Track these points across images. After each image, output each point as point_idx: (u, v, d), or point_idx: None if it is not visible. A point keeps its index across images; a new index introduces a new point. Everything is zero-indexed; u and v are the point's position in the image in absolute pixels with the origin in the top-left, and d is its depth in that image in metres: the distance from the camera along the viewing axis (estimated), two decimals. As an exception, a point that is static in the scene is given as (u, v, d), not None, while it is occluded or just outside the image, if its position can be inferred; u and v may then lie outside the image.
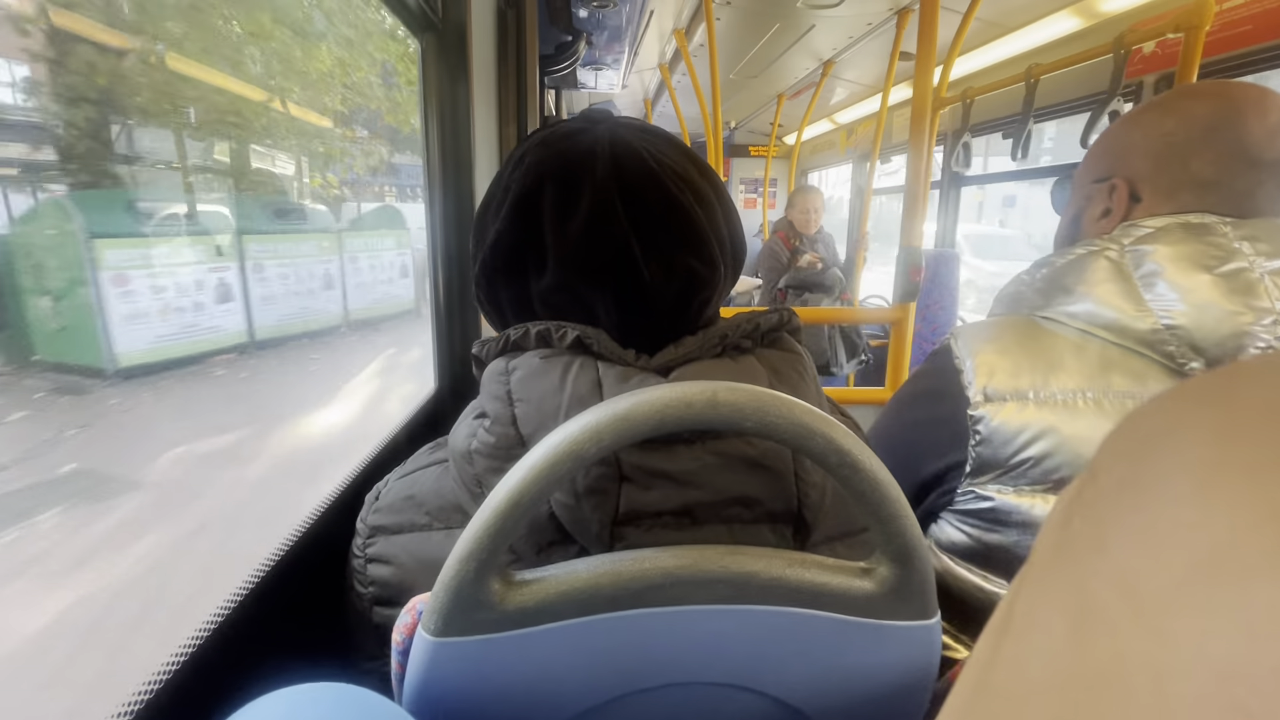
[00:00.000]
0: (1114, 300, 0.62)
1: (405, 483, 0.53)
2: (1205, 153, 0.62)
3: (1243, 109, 0.61)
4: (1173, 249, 0.60)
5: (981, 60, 2.37)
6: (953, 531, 0.68)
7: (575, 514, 0.43)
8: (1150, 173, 0.65)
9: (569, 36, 1.89)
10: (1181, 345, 0.58)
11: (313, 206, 5.68)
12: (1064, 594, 0.13)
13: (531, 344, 0.47)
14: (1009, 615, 0.15)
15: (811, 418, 0.37)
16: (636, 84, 3.59)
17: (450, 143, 1.14)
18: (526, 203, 0.48)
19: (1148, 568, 0.11)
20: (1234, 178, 0.61)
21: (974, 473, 0.65)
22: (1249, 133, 0.60)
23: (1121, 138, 0.69)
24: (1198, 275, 0.58)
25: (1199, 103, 0.63)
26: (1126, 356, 0.61)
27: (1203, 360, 0.58)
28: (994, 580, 0.66)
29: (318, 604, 0.62)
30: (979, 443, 0.64)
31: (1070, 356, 0.63)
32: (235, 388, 4.02)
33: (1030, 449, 0.61)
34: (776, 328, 0.51)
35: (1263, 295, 0.56)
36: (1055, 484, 0.61)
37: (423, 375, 3.64)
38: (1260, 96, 0.61)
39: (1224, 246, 0.58)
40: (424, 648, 0.39)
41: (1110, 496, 0.13)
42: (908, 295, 1.59)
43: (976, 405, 0.64)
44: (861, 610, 0.41)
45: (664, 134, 0.53)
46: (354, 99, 7.24)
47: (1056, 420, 0.61)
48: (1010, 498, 0.63)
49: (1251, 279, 0.56)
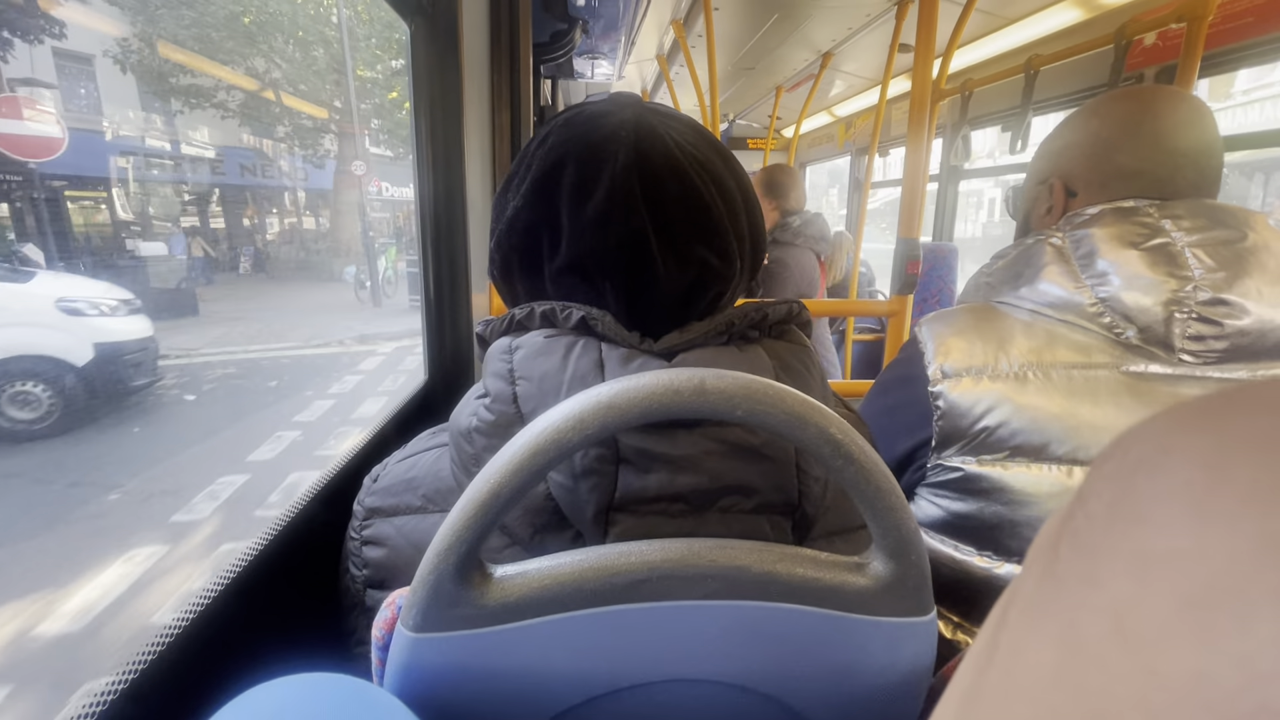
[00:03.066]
0: (1057, 279, 0.68)
1: (404, 465, 0.53)
2: (1128, 146, 0.70)
3: (1157, 107, 0.69)
4: (1105, 230, 0.67)
5: (981, 52, 2.35)
6: (928, 506, 0.73)
7: (572, 496, 0.42)
8: (1083, 170, 0.73)
9: (564, 24, 1.87)
10: (1116, 315, 0.65)
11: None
12: (1052, 625, 0.12)
13: (536, 323, 0.47)
14: (994, 644, 0.14)
15: (804, 407, 0.36)
16: (634, 75, 3.56)
17: (440, 129, 1.12)
18: (546, 182, 0.48)
19: (1139, 599, 0.10)
20: (1155, 166, 0.68)
21: (939, 446, 0.70)
22: (1166, 126, 0.68)
23: (1056, 142, 0.77)
24: (1127, 251, 0.64)
25: (1121, 105, 0.72)
26: (1071, 331, 0.67)
27: (1135, 328, 0.64)
28: (964, 549, 0.71)
29: (308, 591, 0.62)
30: (940, 417, 0.70)
31: (1020, 334, 0.69)
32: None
33: (986, 419, 0.67)
34: (785, 320, 0.51)
35: (1184, 265, 0.62)
36: (1012, 451, 0.66)
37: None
38: (1174, 96, 0.70)
39: (1150, 225, 0.65)
40: (403, 644, 0.38)
41: (1100, 522, 0.12)
42: (905, 288, 1.58)
43: (935, 382, 0.70)
44: (856, 606, 0.40)
45: (691, 122, 0.52)
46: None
47: (1009, 391, 0.66)
48: (974, 467, 0.68)
49: (1174, 251, 0.63)
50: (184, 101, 12.36)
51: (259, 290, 12.38)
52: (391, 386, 6.38)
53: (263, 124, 14.53)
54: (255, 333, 8.39)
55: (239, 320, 9.08)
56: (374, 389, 6.24)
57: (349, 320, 9.40)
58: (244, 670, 0.35)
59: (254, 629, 0.57)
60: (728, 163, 0.50)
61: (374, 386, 6.34)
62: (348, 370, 6.84)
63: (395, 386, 6.38)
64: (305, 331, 8.75)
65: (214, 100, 12.77)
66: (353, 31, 13.17)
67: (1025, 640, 0.13)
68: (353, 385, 6.32)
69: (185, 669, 0.49)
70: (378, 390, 6.21)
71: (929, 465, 0.72)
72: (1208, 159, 0.68)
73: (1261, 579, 0.09)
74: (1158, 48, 1.72)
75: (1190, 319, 0.61)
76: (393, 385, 6.42)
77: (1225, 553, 0.10)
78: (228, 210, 15.35)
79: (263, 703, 0.32)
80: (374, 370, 6.97)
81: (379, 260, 11.25)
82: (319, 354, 7.59)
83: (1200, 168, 0.68)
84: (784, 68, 3.08)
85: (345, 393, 5.99)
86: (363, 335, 8.44)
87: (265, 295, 11.90)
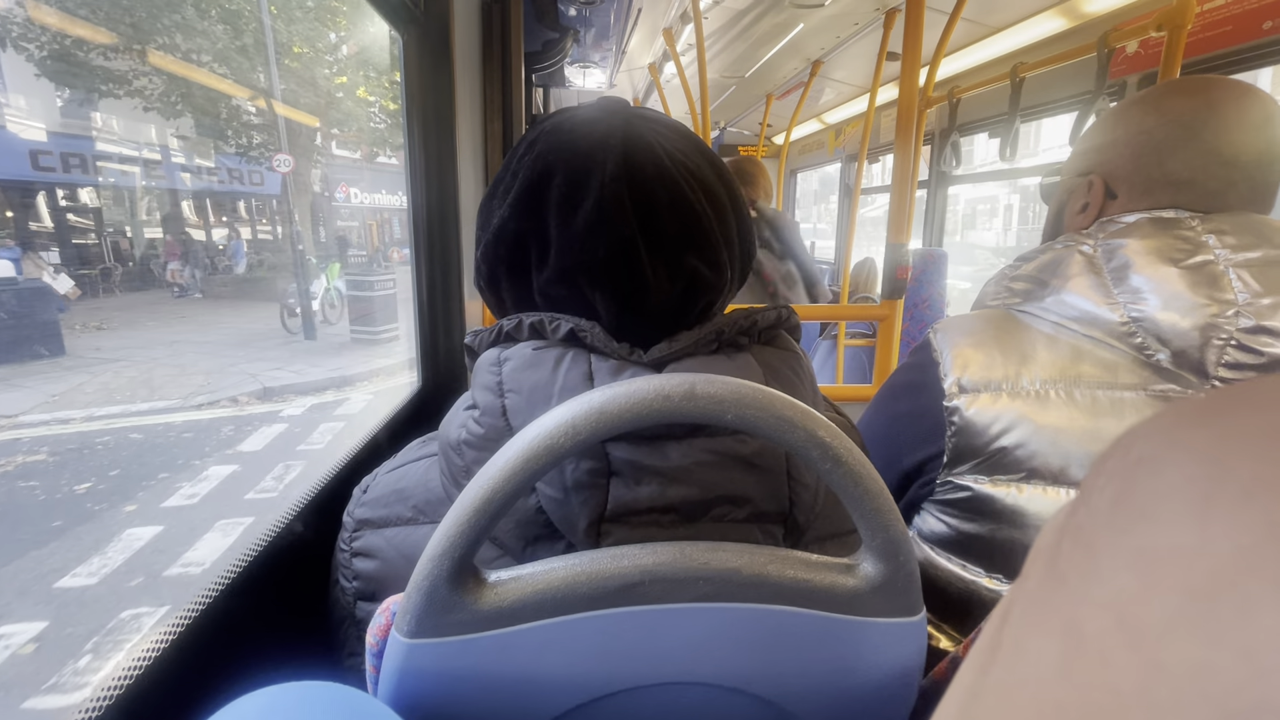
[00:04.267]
0: (1086, 293, 0.63)
1: (394, 476, 0.52)
2: (1181, 152, 0.63)
3: (1221, 109, 0.62)
4: (1143, 243, 0.61)
5: (968, 60, 2.38)
6: (934, 522, 0.70)
7: (563, 509, 0.42)
8: (1127, 171, 0.67)
9: (556, 34, 1.88)
10: (1148, 336, 0.59)
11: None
12: (1054, 621, 0.12)
13: (524, 335, 0.47)
14: (996, 641, 0.14)
15: (792, 411, 0.36)
16: (625, 83, 3.58)
17: (433, 137, 1.13)
18: (533, 191, 0.47)
19: (1143, 594, 0.10)
20: (1208, 178, 0.62)
21: (951, 463, 0.66)
22: (1226, 133, 0.61)
23: (1105, 133, 0.70)
24: (1165, 268, 0.59)
25: (1180, 100, 0.64)
26: (1097, 348, 0.62)
27: (1168, 351, 0.59)
28: (972, 569, 0.67)
29: (298, 601, 0.62)
30: (954, 433, 0.65)
31: (1043, 349, 0.64)
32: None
33: (1004, 439, 0.63)
34: (774, 325, 0.50)
35: (1227, 288, 0.57)
36: (1029, 473, 0.62)
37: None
38: (1241, 94, 0.62)
39: (1192, 240, 0.59)
40: (397, 650, 0.38)
41: (1102, 518, 0.12)
42: (895, 293, 1.59)
43: (951, 397, 0.66)
44: (846, 607, 0.40)
45: (681, 129, 0.51)
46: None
47: (1029, 411, 0.62)
48: (986, 487, 0.64)
49: (1216, 271, 0.57)
50: (71, 76, 9.72)
51: (181, 314, 10.28)
52: (277, 486, 3.96)
53: (179, 113, 11.57)
54: (122, 384, 6.16)
55: (115, 362, 6.90)
56: (249, 488, 3.89)
57: (266, 359, 7.38)
58: (233, 683, 0.35)
59: (243, 642, 0.57)
60: (716, 169, 0.50)
61: (249, 485, 3.93)
62: (221, 452, 4.57)
63: (286, 484, 3.97)
64: (196, 379, 6.45)
65: (110, 78, 10.12)
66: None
67: (1028, 636, 0.13)
68: (211, 488, 3.89)
69: (174, 681, 0.48)
70: (256, 491, 3.86)
71: (938, 481, 0.68)
72: (1266, 171, 0.62)
73: (1265, 572, 0.09)
74: (1140, 56, 1.75)
75: (1229, 346, 0.56)
76: (280, 483, 3.99)
77: (1228, 547, 0.10)
78: (142, 218, 13.24)
79: (251, 712, 0.32)
80: (257, 454, 4.56)
81: (319, 279, 9.35)
82: (196, 419, 5.27)
83: (1255, 181, 0.62)
84: (774, 75, 3.11)
85: (190, 506, 3.68)
86: (265, 389, 6.20)
87: (182, 321, 9.69)
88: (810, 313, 2.36)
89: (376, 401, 6.30)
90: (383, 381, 7.05)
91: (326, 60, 12.76)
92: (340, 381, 6.78)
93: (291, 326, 8.78)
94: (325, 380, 6.74)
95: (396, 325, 8.75)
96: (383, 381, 7.05)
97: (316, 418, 5.58)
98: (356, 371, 7.09)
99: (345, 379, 6.85)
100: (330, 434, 5.17)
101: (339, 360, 7.53)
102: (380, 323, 8.56)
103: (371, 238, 20.05)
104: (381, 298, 8.64)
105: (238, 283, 12.77)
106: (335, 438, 5.08)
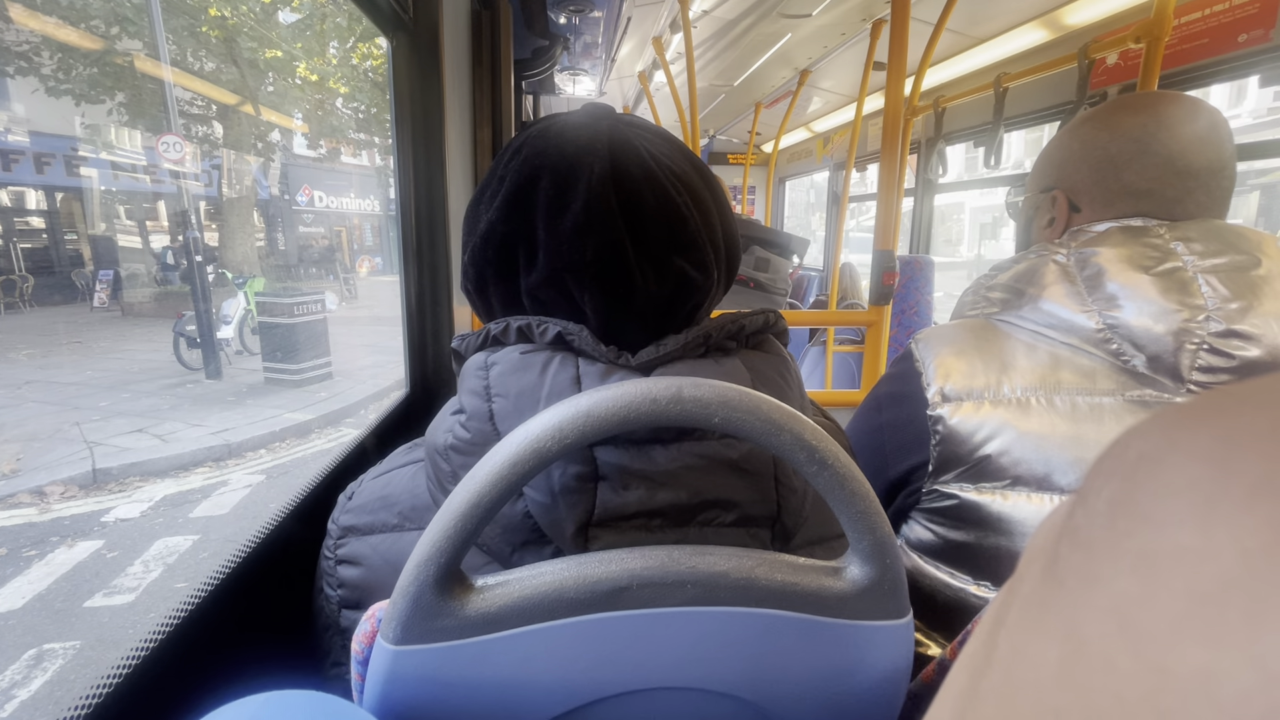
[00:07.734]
0: (1062, 300, 0.65)
1: (380, 482, 0.52)
2: (1136, 164, 0.66)
3: (1169, 122, 0.65)
4: (1114, 250, 0.63)
5: (953, 71, 2.42)
6: (921, 531, 0.70)
7: (551, 514, 0.42)
8: (1088, 184, 0.69)
9: (546, 41, 1.89)
10: (1124, 342, 0.61)
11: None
12: (1053, 625, 0.12)
13: (512, 339, 0.47)
14: (991, 645, 0.14)
15: (779, 414, 0.36)
16: (615, 91, 3.60)
17: (422, 144, 1.13)
18: (520, 195, 0.47)
19: (1146, 599, 0.10)
20: (1165, 186, 0.65)
21: (936, 472, 0.67)
22: (1176, 143, 0.64)
23: (1062, 150, 0.73)
24: (1137, 275, 0.61)
25: (1129, 117, 0.67)
26: (1075, 355, 0.63)
27: (1143, 356, 0.60)
28: (960, 577, 0.67)
29: (282, 609, 0.61)
30: (939, 442, 0.66)
31: (1023, 356, 0.65)
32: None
33: (987, 446, 0.63)
34: (761, 330, 0.51)
35: (1196, 293, 0.59)
36: (1013, 480, 0.62)
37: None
38: (1189, 108, 0.65)
39: (1160, 248, 0.62)
40: (383, 657, 0.38)
41: (1101, 520, 0.12)
42: (882, 299, 1.61)
43: (935, 406, 0.67)
44: (834, 611, 0.40)
45: (665, 134, 0.52)
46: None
47: (1011, 418, 0.63)
48: (972, 495, 0.65)
49: (1186, 277, 0.60)
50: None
51: (78, 337, 8.08)
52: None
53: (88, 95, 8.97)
54: None
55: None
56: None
57: (135, 410, 5.32)
58: (215, 692, 0.35)
59: (225, 651, 0.56)
60: (702, 174, 0.50)
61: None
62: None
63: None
64: (7, 450, 4.27)
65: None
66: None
67: (1026, 641, 0.12)
68: None
69: (154, 691, 0.47)
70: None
71: (924, 490, 0.69)
72: (1219, 179, 0.65)
73: (1273, 576, 0.09)
74: (1120, 67, 1.78)
75: (1201, 349, 0.58)
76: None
77: (1235, 549, 0.09)
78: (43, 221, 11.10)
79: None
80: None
81: (236, 298, 7.45)
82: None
83: (1211, 189, 0.65)
84: (763, 84, 3.14)
85: None
86: (96, 472, 4.04)
87: (69, 349, 7.54)
88: (799, 318, 2.38)
89: (266, 489, 4.02)
90: (293, 446, 4.89)
91: (252, 27, 10.07)
92: (221, 452, 4.58)
93: (190, 360, 6.57)
94: (199, 450, 4.49)
95: (327, 359, 6.67)
96: (293, 446, 4.89)
97: (156, 527, 3.44)
98: (254, 433, 4.88)
99: (233, 446, 4.65)
100: (162, 563, 3.01)
101: (235, 414, 5.40)
102: (303, 357, 6.44)
103: (344, 247, 17.95)
104: (305, 324, 6.48)
105: (161, 298, 10.81)
106: (168, 570, 2.92)
